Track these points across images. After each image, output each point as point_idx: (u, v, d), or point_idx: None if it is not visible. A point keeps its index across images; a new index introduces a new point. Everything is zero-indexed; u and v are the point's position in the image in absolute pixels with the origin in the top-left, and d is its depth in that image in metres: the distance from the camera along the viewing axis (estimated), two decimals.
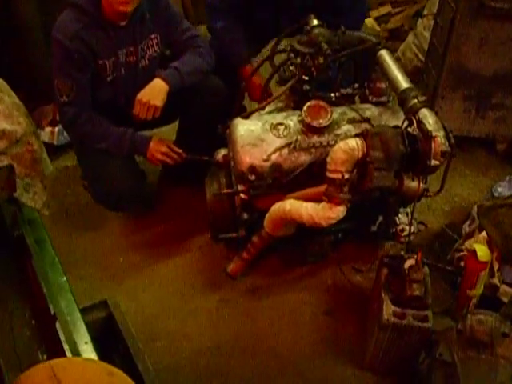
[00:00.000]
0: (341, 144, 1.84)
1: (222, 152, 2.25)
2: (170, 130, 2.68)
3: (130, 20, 2.21)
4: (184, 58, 2.37)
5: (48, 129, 2.92)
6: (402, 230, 2.20)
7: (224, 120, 2.24)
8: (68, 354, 1.34)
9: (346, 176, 1.84)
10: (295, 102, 2.21)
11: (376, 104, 2.18)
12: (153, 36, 2.32)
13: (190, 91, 2.34)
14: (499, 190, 2.42)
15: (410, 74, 3.01)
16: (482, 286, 2.06)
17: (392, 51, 2.33)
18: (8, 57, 2.81)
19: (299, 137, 2.05)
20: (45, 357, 1.45)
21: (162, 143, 2.34)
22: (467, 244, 2.23)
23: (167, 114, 2.34)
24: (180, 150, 2.35)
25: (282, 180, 2.04)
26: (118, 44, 2.23)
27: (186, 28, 2.42)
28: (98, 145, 2.29)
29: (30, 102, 2.12)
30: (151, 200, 2.68)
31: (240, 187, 2.08)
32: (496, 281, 2.09)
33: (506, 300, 2.04)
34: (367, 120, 2.09)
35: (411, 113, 1.89)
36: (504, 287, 2.08)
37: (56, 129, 2.90)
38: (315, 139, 2.05)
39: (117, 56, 2.24)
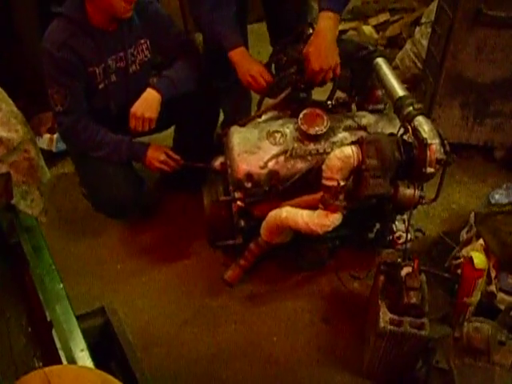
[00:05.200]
0: (336, 152, 1.85)
1: (220, 159, 2.25)
2: (167, 136, 2.68)
3: (118, 25, 2.21)
4: (176, 65, 2.37)
5: (46, 136, 2.93)
6: (399, 238, 2.20)
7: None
8: (64, 361, 1.33)
9: (342, 183, 1.85)
10: (292, 109, 2.21)
11: (372, 111, 2.19)
12: (142, 41, 2.33)
13: (183, 98, 2.34)
14: (496, 197, 2.41)
15: (408, 82, 3.06)
16: (479, 294, 2.05)
17: (390, 59, 2.34)
18: (7, 63, 2.83)
19: (295, 144, 2.06)
20: (41, 364, 1.44)
21: (160, 150, 2.34)
22: (464, 251, 2.23)
23: (162, 121, 2.35)
24: (178, 157, 2.36)
25: (278, 187, 2.05)
26: (107, 50, 2.24)
27: (177, 33, 2.42)
28: (95, 153, 2.30)
29: (29, 109, 2.12)
30: (150, 207, 2.69)
31: (237, 194, 2.08)
32: (493, 288, 2.08)
33: (503, 308, 2.04)
34: (363, 128, 2.09)
35: (407, 120, 1.90)
36: (501, 295, 2.08)
37: (54, 136, 2.91)
38: (311, 147, 2.06)
39: (106, 62, 2.24)
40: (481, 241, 2.17)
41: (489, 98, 2.69)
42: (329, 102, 2.19)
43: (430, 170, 1.79)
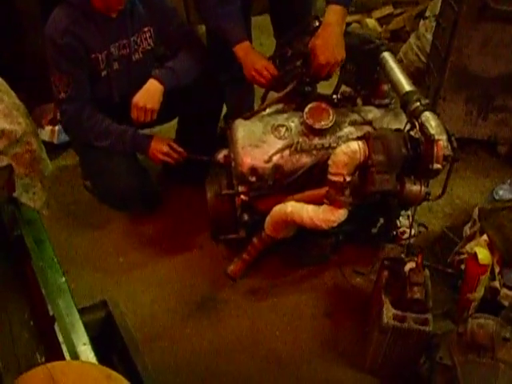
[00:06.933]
0: (343, 147, 1.83)
1: (223, 152, 2.24)
2: (171, 127, 2.67)
3: (121, 13, 2.20)
4: (179, 56, 2.36)
5: (48, 127, 2.90)
6: (403, 233, 2.20)
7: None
8: (66, 355, 1.33)
9: (348, 179, 1.84)
10: (297, 103, 2.20)
11: (378, 106, 2.17)
12: (146, 29, 2.31)
13: (186, 90, 2.33)
14: (500, 192, 2.40)
15: (412, 76, 3.03)
16: (483, 290, 2.05)
17: (394, 52, 2.32)
18: (8, 55, 2.80)
19: (301, 138, 2.05)
20: (43, 358, 1.44)
21: (163, 142, 2.33)
22: (468, 247, 2.22)
23: (166, 113, 2.34)
24: (181, 149, 2.34)
25: (282, 182, 2.04)
26: (110, 37, 2.22)
27: (180, 23, 2.41)
28: (98, 143, 2.29)
29: (30, 101, 2.10)
30: (154, 199, 2.67)
31: (241, 188, 2.08)
32: (497, 284, 2.08)
33: (506, 304, 2.04)
34: (369, 122, 2.08)
35: (413, 116, 1.88)
36: (505, 291, 2.07)
37: (56, 127, 2.89)
38: (317, 141, 2.05)
39: (109, 49, 2.23)
40: (485, 236, 2.16)
41: (493, 92, 2.67)
42: (334, 96, 2.18)
43: (436, 166, 1.77)
